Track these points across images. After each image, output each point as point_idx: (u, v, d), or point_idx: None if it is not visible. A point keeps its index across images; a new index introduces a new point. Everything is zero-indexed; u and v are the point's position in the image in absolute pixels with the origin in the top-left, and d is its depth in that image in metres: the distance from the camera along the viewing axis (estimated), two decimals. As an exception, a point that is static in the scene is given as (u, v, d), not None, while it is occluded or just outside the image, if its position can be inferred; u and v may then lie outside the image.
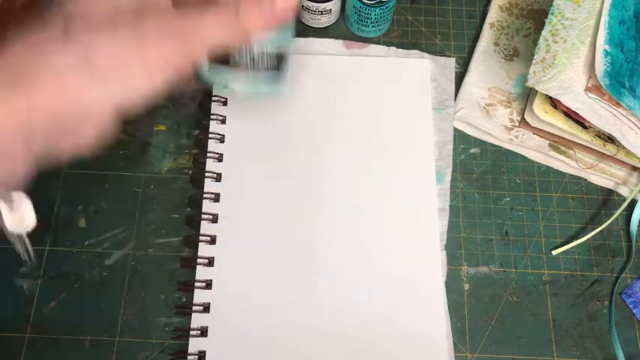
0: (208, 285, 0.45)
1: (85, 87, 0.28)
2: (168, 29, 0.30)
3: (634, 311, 0.47)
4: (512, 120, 0.52)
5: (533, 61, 0.46)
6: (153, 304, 0.45)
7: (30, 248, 0.31)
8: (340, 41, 0.55)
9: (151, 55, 0.30)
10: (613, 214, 0.49)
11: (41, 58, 0.27)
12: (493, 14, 0.57)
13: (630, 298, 0.47)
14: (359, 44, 0.55)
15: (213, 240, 0.46)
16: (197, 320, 0.44)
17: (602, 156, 0.50)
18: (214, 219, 0.47)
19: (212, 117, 0.50)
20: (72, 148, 0.29)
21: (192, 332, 0.43)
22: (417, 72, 0.53)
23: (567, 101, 0.45)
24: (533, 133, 0.52)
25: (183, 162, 0.50)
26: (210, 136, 0.50)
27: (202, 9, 0.32)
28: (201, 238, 0.46)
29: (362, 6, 0.52)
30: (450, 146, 0.51)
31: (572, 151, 0.51)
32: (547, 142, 0.52)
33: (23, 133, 0.27)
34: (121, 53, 0.28)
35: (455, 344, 0.45)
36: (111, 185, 0.49)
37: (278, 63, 0.38)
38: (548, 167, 0.52)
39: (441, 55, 0.55)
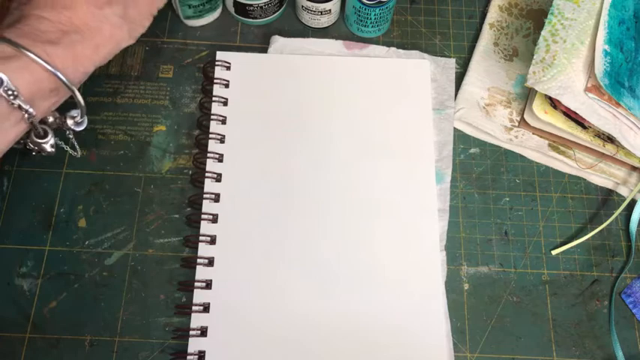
0: (208, 285, 0.45)
1: (123, 36, 0.40)
2: None
3: (633, 311, 0.47)
4: (511, 120, 0.52)
5: (533, 61, 0.46)
6: (153, 304, 0.45)
7: (76, 144, 0.44)
8: (340, 41, 0.55)
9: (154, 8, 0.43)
10: (612, 214, 0.49)
11: (99, 16, 0.39)
12: (493, 14, 0.57)
13: (630, 298, 0.47)
14: (359, 44, 0.55)
15: (213, 240, 0.46)
16: (197, 320, 0.44)
17: (602, 156, 0.50)
18: (214, 219, 0.47)
19: (212, 117, 0.50)
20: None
21: (191, 332, 0.44)
22: (417, 72, 0.53)
23: (567, 101, 0.45)
24: (533, 133, 0.52)
25: (183, 162, 0.50)
26: (210, 136, 0.50)
27: None
28: (201, 238, 0.46)
29: (362, 6, 0.52)
30: (450, 147, 0.51)
31: (571, 151, 0.51)
32: (546, 142, 0.52)
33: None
34: (142, 9, 0.42)
35: (455, 344, 0.45)
36: (111, 185, 0.49)
37: None
38: (547, 167, 0.52)
39: (441, 56, 0.55)
